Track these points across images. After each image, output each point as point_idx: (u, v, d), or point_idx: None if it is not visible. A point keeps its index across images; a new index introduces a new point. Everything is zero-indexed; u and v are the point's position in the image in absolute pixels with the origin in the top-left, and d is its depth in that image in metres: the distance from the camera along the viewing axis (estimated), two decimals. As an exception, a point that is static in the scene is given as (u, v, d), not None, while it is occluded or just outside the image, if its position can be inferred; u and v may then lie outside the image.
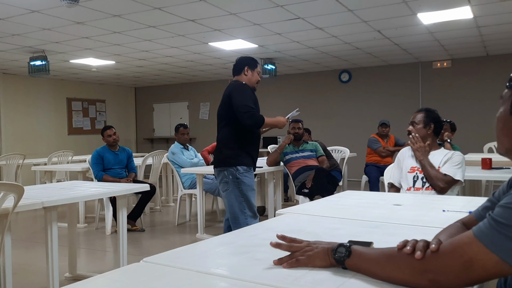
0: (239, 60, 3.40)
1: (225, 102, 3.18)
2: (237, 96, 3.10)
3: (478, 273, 0.88)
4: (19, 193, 2.36)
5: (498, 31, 6.39)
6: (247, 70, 3.32)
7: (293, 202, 6.21)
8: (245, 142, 3.21)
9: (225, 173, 3.15)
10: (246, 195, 3.14)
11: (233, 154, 3.15)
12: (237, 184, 3.12)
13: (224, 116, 3.22)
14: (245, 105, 3.07)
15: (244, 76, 3.31)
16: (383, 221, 1.73)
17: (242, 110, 3.06)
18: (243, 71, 3.32)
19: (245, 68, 3.32)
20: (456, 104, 8.49)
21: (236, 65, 3.38)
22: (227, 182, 3.14)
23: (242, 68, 3.33)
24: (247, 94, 3.12)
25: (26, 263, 3.98)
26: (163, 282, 1.07)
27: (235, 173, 3.13)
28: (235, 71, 3.38)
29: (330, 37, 6.50)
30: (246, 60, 3.37)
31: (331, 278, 1.06)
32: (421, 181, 2.75)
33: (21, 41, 6.29)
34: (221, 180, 3.19)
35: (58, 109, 10.46)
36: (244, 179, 3.15)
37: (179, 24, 5.57)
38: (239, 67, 3.34)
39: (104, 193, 3.45)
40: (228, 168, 3.14)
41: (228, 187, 3.15)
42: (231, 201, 3.16)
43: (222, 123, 3.24)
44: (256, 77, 3.35)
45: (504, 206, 0.88)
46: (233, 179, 3.12)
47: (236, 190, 3.13)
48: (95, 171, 5.06)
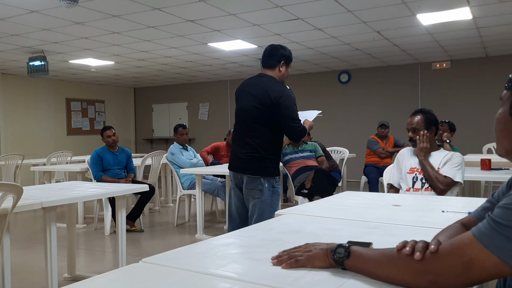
0: (275, 50, 2.94)
1: (266, 104, 2.83)
2: (290, 106, 2.82)
3: (478, 274, 0.88)
4: (18, 194, 2.36)
5: (497, 32, 6.40)
6: (282, 65, 2.93)
7: (293, 203, 6.22)
8: (279, 150, 3.03)
9: (261, 180, 2.87)
10: (276, 204, 2.96)
11: (272, 162, 2.93)
12: (271, 193, 2.90)
13: (263, 119, 2.86)
14: (296, 118, 2.87)
15: (278, 71, 2.93)
16: (383, 221, 1.73)
17: (294, 124, 2.86)
18: (279, 66, 2.92)
19: (282, 63, 2.92)
20: (455, 105, 8.49)
21: (270, 56, 2.93)
22: (262, 190, 2.87)
23: (279, 61, 2.92)
24: (294, 103, 2.86)
25: (25, 263, 3.97)
26: (163, 283, 1.07)
27: (272, 182, 2.91)
28: (268, 63, 2.94)
29: (329, 37, 6.50)
30: (285, 53, 2.94)
31: (331, 279, 1.06)
32: (421, 182, 2.75)
33: (20, 41, 6.29)
34: (255, 187, 2.88)
35: (57, 109, 10.45)
36: (279, 189, 2.98)
37: (178, 24, 5.57)
38: (275, 60, 2.92)
39: (103, 194, 3.45)
40: (266, 177, 2.89)
41: (262, 196, 2.88)
42: (262, 210, 2.87)
43: (260, 127, 2.87)
44: (288, 73, 2.98)
45: (504, 207, 0.88)
46: (269, 188, 2.89)
47: (269, 200, 2.90)
48: (94, 171, 5.05)
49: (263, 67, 2.99)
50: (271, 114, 2.85)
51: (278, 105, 2.81)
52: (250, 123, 2.91)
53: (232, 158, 3.07)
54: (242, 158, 2.93)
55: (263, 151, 2.88)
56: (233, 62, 8.55)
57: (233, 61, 8.38)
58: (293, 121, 2.87)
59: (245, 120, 2.94)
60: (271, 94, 2.82)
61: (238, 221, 3.06)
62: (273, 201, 2.92)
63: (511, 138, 1.01)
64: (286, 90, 2.87)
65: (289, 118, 2.85)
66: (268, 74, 2.94)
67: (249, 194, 2.92)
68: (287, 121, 2.86)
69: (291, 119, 2.86)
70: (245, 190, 2.95)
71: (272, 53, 2.94)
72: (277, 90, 2.84)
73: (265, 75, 2.95)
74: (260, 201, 2.89)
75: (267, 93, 2.83)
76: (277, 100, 2.81)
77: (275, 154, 2.96)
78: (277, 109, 2.82)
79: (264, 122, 2.87)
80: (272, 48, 2.97)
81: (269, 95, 2.82)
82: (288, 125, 2.87)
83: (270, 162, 2.92)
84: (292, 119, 2.87)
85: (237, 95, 3.07)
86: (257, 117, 2.88)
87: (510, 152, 1.04)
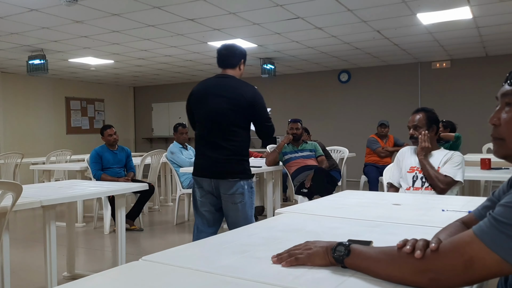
0: (234, 49, 2.91)
1: (241, 106, 2.77)
2: (264, 106, 2.84)
3: (479, 272, 0.87)
4: (17, 192, 2.36)
5: (497, 32, 6.40)
6: (242, 63, 2.90)
7: (292, 202, 6.21)
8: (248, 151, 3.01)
9: (241, 183, 2.81)
10: (254, 203, 2.96)
11: (248, 164, 2.91)
12: (250, 194, 2.88)
13: (239, 121, 2.81)
14: (270, 118, 2.89)
15: (238, 70, 2.89)
16: (383, 220, 1.72)
17: (269, 123, 2.88)
18: (239, 65, 2.90)
19: (242, 61, 2.90)
20: (455, 104, 8.49)
21: (230, 56, 2.88)
22: (243, 193, 2.82)
23: (239, 60, 2.89)
24: (265, 104, 2.87)
25: (24, 262, 3.97)
26: (162, 281, 1.07)
27: (250, 183, 2.88)
28: (229, 63, 2.87)
29: (329, 37, 6.50)
30: (243, 51, 2.92)
31: (331, 277, 1.05)
32: (421, 181, 2.75)
33: (19, 40, 6.28)
34: (235, 192, 2.80)
35: (56, 108, 10.44)
36: (254, 188, 2.98)
37: (178, 23, 5.56)
38: (236, 59, 2.88)
39: (103, 192, 3.44)
40: (245, 180, 2.84)
41: (243, 199, 2.82)
42: (245, 213, 2.83)
43: (236, 129, 2.81)
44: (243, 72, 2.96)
45: (505, 205, 0.88)
46: (248, 189, 2.85)
47: (250, 201, 2.88)
48: (93, 170, 5.04)
49: (223, 67, 2.90)
50: (246, 116, 2.81)
51: (254, 106, 2.79)
52: (226, 125, 2.79)
53: (203, 164, 2.87)
54: (218, 163, 2.80)
55: (241, 153, 2.84)
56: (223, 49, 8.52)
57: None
58: (268, 121, 2.89)
59: (218, 123, 2.80)
60: (246, 96, 2.78)
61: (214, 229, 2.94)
62: (252, 201, 2.91)
63: None
64: (257, 90, 2.88)
65: (265, 118, 2.87)
66: (230, 74, 2.88)
67: (229, 200, 2.81)
68: (263, 121, 2.86)
69: (266, 119, 2.88)
70: (224, 196, 2.82)
71: (232, 52, 2.89)
72: (250, 91, 2.82)
73: (228, 75, 2.88)
74: (242, 204, 2.82)
75: (241, 95, 2.78)
76: (252, 101, 2.79)
77: (248, 156, 2.94)
78: (253, 110, 2.80)
79: (241, 124, 2.82)
80: (230, 47, 2.92)
81: (243, 97, 2.78)
82: (264, 125, 2.87)
83: (247, 164, 2.89)
84: (267, 119, 2.89)
85: (200, 97, 2.88)
86: (234, 119, 2.79)
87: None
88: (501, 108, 1.06)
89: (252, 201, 2.90)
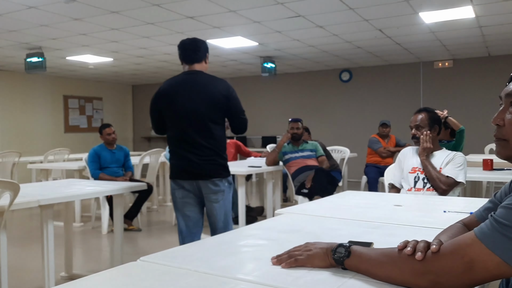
0: (199, 43, 2.83)
1: (219, 101, 2.73)
2: (237, 99, 2.82)
3: (479, 274, 0.87)
4: (14, 191, 2.33)
5: (500, 31, 6.37)
6: (207, 57, 2.86)
7: (292, 203, 6.18)
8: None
9: (222, 181, 2.78)
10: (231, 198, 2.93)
11: (226, 161, 2.87)
12: (229, 190, 2.86)
13: (216, 117, 2.76)
14: (244, 110, 2.85)
15: (204, 65, 2.83)
16: (384, 221, 1.71)
17: (244, 116, 2.84)
18: (205, 59, 2.83)
19: (207, 55, 2.85)
20: (457, 104, 8.45)
21: (195, 50, 2.80)
22: (224, 191, 2.79)
23: (204, 55, 2.82)
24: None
25: (22, 261, 3.94)
26: (160, 282, 1.06)
27: (230, 180, 2.86)
28: (195, 57, 2.79)
29: (330, 35, 6.47)
30: (206, 45, 2.86)
31: (330, 279, 1.04)
32: (422, 182, 2.72)
33: (17, 37, 6.25)
34: (218, 191, 2.76)
35: (54, 106, 10.41)
36: (232, 186, 2.92)
37: (178, 21, 5.53)
38: (202, 53, 2.81)
39: (101, 192, 3.41)
40: (225, 178, 2.81)
41: (223, 197, 2.80)
42: (227, 210, 2.82)
43: (213, 126, 2.75)
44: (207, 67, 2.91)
45: (507, 207, 0.87)
46: (228, 186, 2.83)
47: (229, 198, 2.86)
48: (91, 169, 5.01)
49: (189, 63, 2.80)
50: (222, 111, 2.77)
51: (229, 99, 2.76)
52: (202, 123, 2.72)
53: (183, 165, 2.77)
54: (199, 164, 2.73)
55: (220, 151, 2.79)
56: (233, 60, 8.52)
57: (233, 58, 8.35)
58: (242, 114, 2.86)
59: (194, 121, 2.72)
60: (221, 90, 2.74)
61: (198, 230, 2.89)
62: (230, 196, 2.89)
63: None
64: (229, 84, 2.84)
65: (240, 111, 2.83)
66: (197, 69, 2.80)
67: (213, 199, 2.77)
68: (239, 115, 2.82)
69: (241, 112, 2.84)
70: (207, 196, 2.77)
71: (197, 46, 2.81)
72: (224, 85, 2.78)
73: (196, 71, 2.80)
74: (223, 201, 2.80)
75: (216, 90, 2.73)
76: (227, 95, 2.75)
77: (225, 151, 2.90)
78: (228, 104, 2.76)
79: (217, 120, 2.77)
80: (194, 42, 2.84)
81: (219, 92, 2.73)
82: (240, 118, 2.83)
83: (225, 161, 2.84)
84: (242, 112, 2.85)
85: (170, 97, 2.77)
86: (210, 116, 2.73)
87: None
88: (505, 108, 1.04)
89: (230, 196, 2.89)
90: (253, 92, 10.59)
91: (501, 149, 1.04)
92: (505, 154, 1.04)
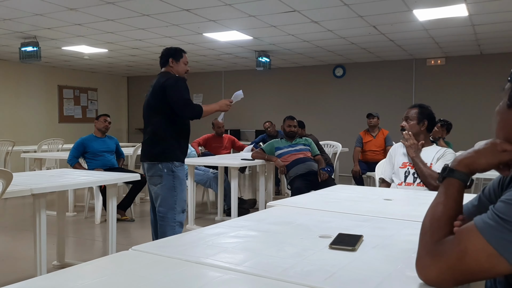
0: (164, 52, 3.30)
1: (157, 93, 3.09)
2: (173, 88, 3.05)
3: (469, 265, 0.88)
4: (7, 179, 2.34)
5: (492, 30, 6.42)
6: (172, 62, 3.23)
7: (284, 196, 6.22)
8: (179, 136, 3.16)
9: (159, 166, 3.06)
10: (179, 189, 3.09)
11: (169, 147, 3.08)
12: (171, 178, 3.06)
13: (157, 107, 3.11)
14: (182, 97, 3.04)
15: (170, 67, 3.24)
16: (373, 215, 1.73)
17: (181, 102, 3.03)
18: (168, 63, 3.24)
19: (170, 60, 3.23)
20: (449, 101, 8.53)
21: (161, 57, 3.29)
22: (161, 175, 3.06)
23: (167, 60, 3.25)
24: (182, 86, 3.07)
25: (14, 250, 3.94)
26: (152, 271, 1.07)
27: (171, 166, 3.07)
28: (161, 63, 3.30)
29: (325, 31, 6.48)
30: (170, 52, 3.28)
31: (320, 270, 1.06)
32: (412, 177, 2.76)
33: (12, 26, 6.20)
34: (154, 174, 3.09)
35: (49, 96, 10.34)
36: (180, 173, 3.10)
37: (173, 13, 5.52)
38: (164, 60, 3.26)
39: (94, 182, 3.43)
40: (163, 162, 3.07)
41: (162, 181, 3.07)
42: (163, 195, 3.08)
43: (154, 114, 3.13)
44: (183, 68, 3.27)
45: (506, 202, 0.89)
46: (168, 173, 3.05)
47: (170, 184, 3.06)
48: (70, 155, 5.02)
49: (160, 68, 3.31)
50: (161, 101, 3.07)
51: (164, 88, 3.05)
52: (148, 116, 3.19)
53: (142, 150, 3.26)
54: (142, 147, 3.20)
55: (159, 138, 3.09)
56: (228, 53, 8.51)
57: (228, 52, 8.33)
58: (180, 100, 3.03)
59: (144, 113, 3.24)
60: (160, 82, 3.09)
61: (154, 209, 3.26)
62: (175, 185, 3.08)
63: (507, 130, 1.00)
64: (174, 76, 3.14)
65: (176, 98, 3.03)
66: (163, 71, 3.25)
67: (150, 182, 3.15)
68: (176, 102, 3.03)
69: (179, 99, 3.03)
70: (147, 178, 3.18)
71: (162, 54, 3.29)
72: (165, 77, 3.11)
73: (161, 72, 3.25)
74: (160, 187, 3.08)
75: (158, 83, 3.11)
76: (163, 85, 3.06)
77: (175, 141, 3.12)
78: (164, 93, 3.05)
79: (158, 111, 3.10)
80: (163, 50, 3.32)
81: (159, 84, 3.09)
82: (178, 105, 3.03)
83: (166, 146, 3.08)
84: (179, 99, 3.03)
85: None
86: (153, 108, 3.13)
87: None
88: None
89: (171, 186, 3.07)
90: (247, 86, 10.58)
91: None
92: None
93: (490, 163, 1.01)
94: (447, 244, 0.94)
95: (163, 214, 3.09)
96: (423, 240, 0.99)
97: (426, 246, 0.97)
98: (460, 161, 1.04)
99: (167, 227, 3.07)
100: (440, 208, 1.02)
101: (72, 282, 0.99)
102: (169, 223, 3.06)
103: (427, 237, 0.99)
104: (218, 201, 5.24)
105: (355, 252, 1.22)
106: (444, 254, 0.93)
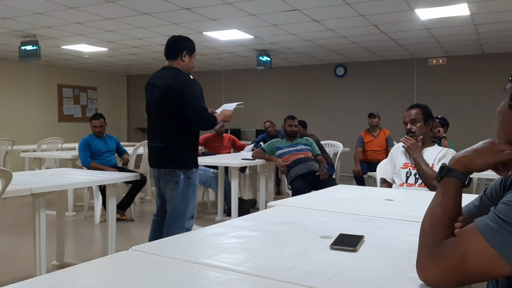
0: (176, 41, 2.95)
1: (171, 97, 2.81)
2: (193, 95, 2.80)
3: (470, 267, 0.88)
4: (7, 179, 2.33)
5: (494, 30, 6.40)
6: (185, 55, 2.93)
7: (285, 196, 6.21)
8: (195, 142, 3.01)
9: (177, 172, 2.88)
10: (192, 195, 2.96)
11: (186, 154, 2.91)
12: (186, 184, 2.91)
13: (170, 111, 2.84)
14: (201, 107, 2.84)
15: (180, 61, 2.92)
16: (374, 215, 1.72)
17: (200, 113, 2.83)
18: (181, 56, 2.92)
19: (184, 53, 2.92)
20: (450, 101, 8.51)
21: (171, 47, 2.93)
22: (177, 182, 2.88)
23: (180, 52, 2.92)
24: (199, 93, 2.85)
25: (13, 250, 3.93)
26: (151, 271, 1.06)
27: (188, 173, 2.91)
28: (170, 54, 2.93)
29: (326, 30, 6.47)
30: (185, 43, 2.95)
31: (321, 270, 1.06)
32: (414, 177, 2.75)
33: (12, 24, 6.19)
34: (170, 179, 2.90)
35: (48, 95, 10.33)
36: (195, 179, 2.97)
37: (173, 12, 5.50)
38: (176, 51, 2.92)
39: (93, 181, 3.42)
40: (182, 169, 2.90)
41: (177, 187, 2.89)
42: (175, 201, 2.92)
43: (167, 119, 2.87)
44: (193, 64, 3.00)
45: (507, 204, 0.88)
46: (184, 179, 2.89)
47: (184, 191, 2.92)
48: (82, 157, 5.02)
49: (166, 59, 2.96)
50: (175, 106, 2.81)
51: (181, 95, 2.79)
52: (157, 116, 2.91)
53: (149, 154, 3.03)
54: (155, 152, 2.94)
55: (177, 144, 2.87)
56: (228, 52, 8.50)
57: (228, 51, 8.32)
58: (199, 110, 2.82)
59: (153, 114, 2.94)
60: (174, 85, 2.80)
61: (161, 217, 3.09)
62: (189, 192, 2.92)
63: (508, 130, 0.99)
64: (189, 80, 2.85)
65: (193, 107, 2.80)
66: (172, 65, 2.93)
67: (165, 186, 2.94)
68: (192, 110, 2.81)
69: (196, 108, 2.81)
70: (161, 183, 2.96)
71: (175, 44, 2.94)
72: (180, 80, 2.82)
73: (169, 67, 2.93)
74: (175, 193, 2.90)
75: (171, 85, 2.81)
76: (180, 90, 2.79)
77: (190, 146, 2.93)
78: (180, 99, 2.79)
79: (171, 113, 2.84)
80: (174, 39, 2.96)
81: (172, 86, 2.80)
82: (196, 114, 2.83)
83: (183, 153, 2.89)
84: (196, 108, 2.81)
85: (146, 90, 3.01)
86: (163, 110, 2.86)
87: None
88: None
89: (185, 193, 2.90)
90: (248, 85, 10.59)
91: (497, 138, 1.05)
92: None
93: (487, 162, 1.00)
94: (448, 245, 0.93)
95: (172, 220, 2.95)
96: (424, 241, 0.99)
97: (427, 247, 0.97)
98: (457, 160, 1.03)
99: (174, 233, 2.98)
100: (440, 208, 1.01)
101: (71, 282, 0.98)
102: (177, 230, 2.91)
103: (428, 239, 0.98)
104: (218, 201, 5.23)
105: (356, 252, 1.21)
106: (445, 255, 0.92)
